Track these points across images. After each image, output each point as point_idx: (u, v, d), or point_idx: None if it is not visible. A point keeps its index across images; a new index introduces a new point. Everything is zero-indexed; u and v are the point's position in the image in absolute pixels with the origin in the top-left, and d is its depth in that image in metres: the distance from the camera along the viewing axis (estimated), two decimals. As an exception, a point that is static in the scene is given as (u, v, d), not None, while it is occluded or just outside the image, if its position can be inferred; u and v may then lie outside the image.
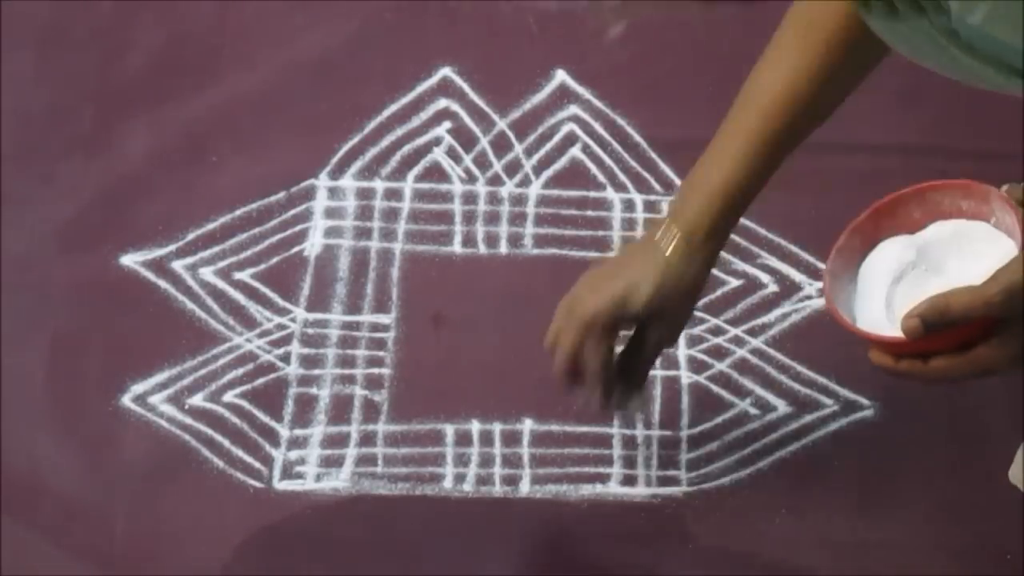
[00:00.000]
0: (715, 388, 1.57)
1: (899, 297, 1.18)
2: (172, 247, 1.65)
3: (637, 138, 1.73)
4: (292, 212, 1.68)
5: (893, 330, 1.15)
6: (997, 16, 0.99)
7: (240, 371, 1.57)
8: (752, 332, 1.60)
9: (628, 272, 1.33)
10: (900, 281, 1.19)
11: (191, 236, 1.66)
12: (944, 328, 1.10)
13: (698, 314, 1.60)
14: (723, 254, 1.64)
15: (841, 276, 1.20)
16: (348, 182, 1.70)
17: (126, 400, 1.55)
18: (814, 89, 1.29)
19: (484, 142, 1.73)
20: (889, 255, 1.20)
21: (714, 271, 1.63)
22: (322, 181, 1.70)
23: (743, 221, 1.66)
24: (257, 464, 1.51)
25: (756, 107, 1.31)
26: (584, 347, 1.33)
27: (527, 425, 1.53)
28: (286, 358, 1.58)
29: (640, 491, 1.50)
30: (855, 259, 1.21)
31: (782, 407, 1.56)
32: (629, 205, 1.68)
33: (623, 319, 1.32)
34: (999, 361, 1.13)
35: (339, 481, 1.50)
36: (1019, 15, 0.97)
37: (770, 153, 1.31)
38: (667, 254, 1.31)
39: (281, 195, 1.69)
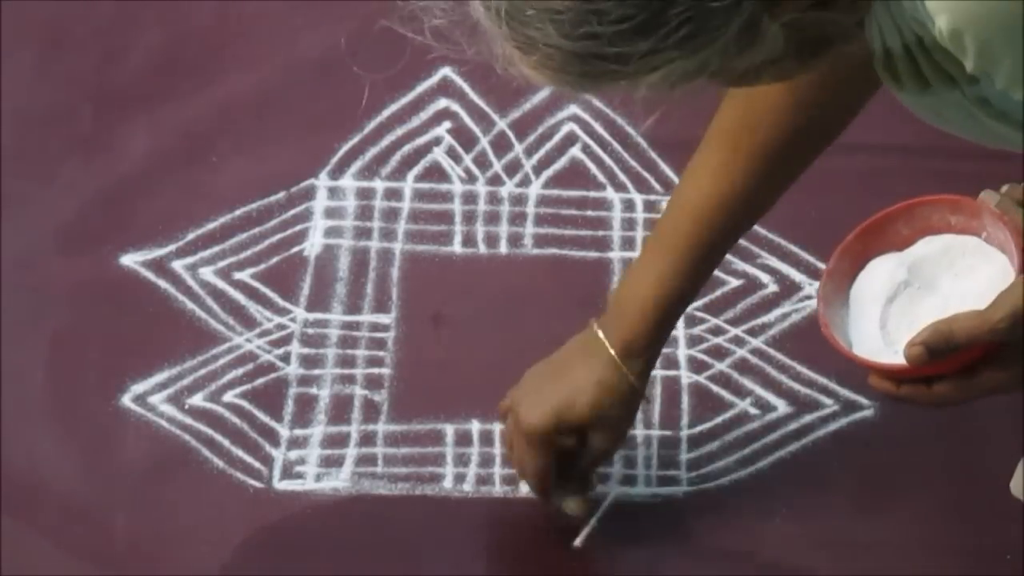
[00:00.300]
0: (715, 388, 1.57)
1: (893, 318, 1.18)
2: (172, 247, 1.65)
3: (637, 138, 1.73)
4: (292, 212, 1.68)
5: (891, 353, 1.16)
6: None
7: (240, 371, 1.57)
8: (752, 332, 1.61)
9: (567, 383, 1.38)
10: (893, 301, 1.18)
11: (191, 236, 1.66)
12: (948, 354, 1.11)
13: (698, 314, 1.61)
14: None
15: (834, 300, 1.20)
16: (348, 182, 1.70)
17: (126, 400, 1.55)
18: (747, 195, 1.31)
19: (484, 142, 1.74)
20: (880, 275, 1.20)
21: (715, 271, 1.65)
22: (322, 181, 1.70)
23: (743, 221, 1.68)
24: (257, 464, 1.51)
25: (689, 215, 1.33)
26: (523, 454, 1.40)
27: (527, 425, 1.54)
28: (286, 358, 1.58)
29: (640, 491, 1.50)
30: (846, 282, 1.21)
31: (782, 407, 1.56)
32: (629, 205, 1.69)
33: (560, 432, 1.38)
34: (1003, 384, 1.13)
35: (339, 481, 1.50)
36: None
37: (704, 259, 1.35)
38: (604, 368, 1.36)
39: (281, 195, 1.69)
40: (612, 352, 1.36)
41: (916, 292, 1.18)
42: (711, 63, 0.89)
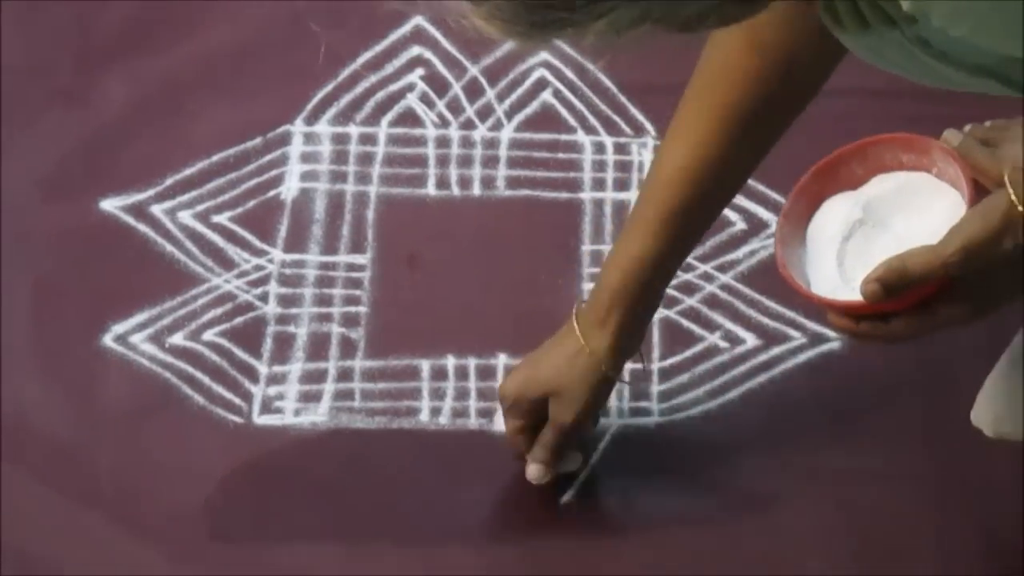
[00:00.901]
0: (685, 323, 1.60)
1: (850, 256, 1.19)
2: (151, 192, 1.67)
3: (607, 83, 1.75)
4: (268, 157, 1.70)
5: (849, 291, 1.17)
6: (973, 23, 0.99)
7: (219, 311, 1.59)
8: (721, 268, 1.63)
9: (541, 357, 1.43)
10: (849, 240, 1.19)
11: (169, 181, 1.68)
12: (903, 290, 1.12)
13: (668, 251, 1.64)
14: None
15: (791, 241, 1.21)
16: (323, 128, 1.72)
17: (107, 340, 1.57)
18: (719, 163, 1.32)
19: (457, 88, 1.76)
20: (835, 214, 1.21)
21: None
22: (297, 127, 1.72)
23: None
24: (237, 400, 1.53)
25: (661, 183, 1.34)
26: (504, 419, 1.45)
27: (501, 360, 1.56)
28: (264, 298, 1.60)
29: (612, 422, 1.53)
30: (803, 222, 1.22)
31: (751, 340, 1.58)
32: (600, 147, 1.71)
33: (527, 399, 1.42)
34: (958, 317, 1.15)
35: (317, 416, 1.53)
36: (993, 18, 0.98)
37: (675, 228, 1.35)
38: (570, 343, 1.40)
39: (257, 141, 1.71)
40: (576, 327, 1.39)
41: (871, 230, 1.20)
42: (654, 10, 0.90)
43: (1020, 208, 1.07)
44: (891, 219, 1.19)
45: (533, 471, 1.45)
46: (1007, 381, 1.30)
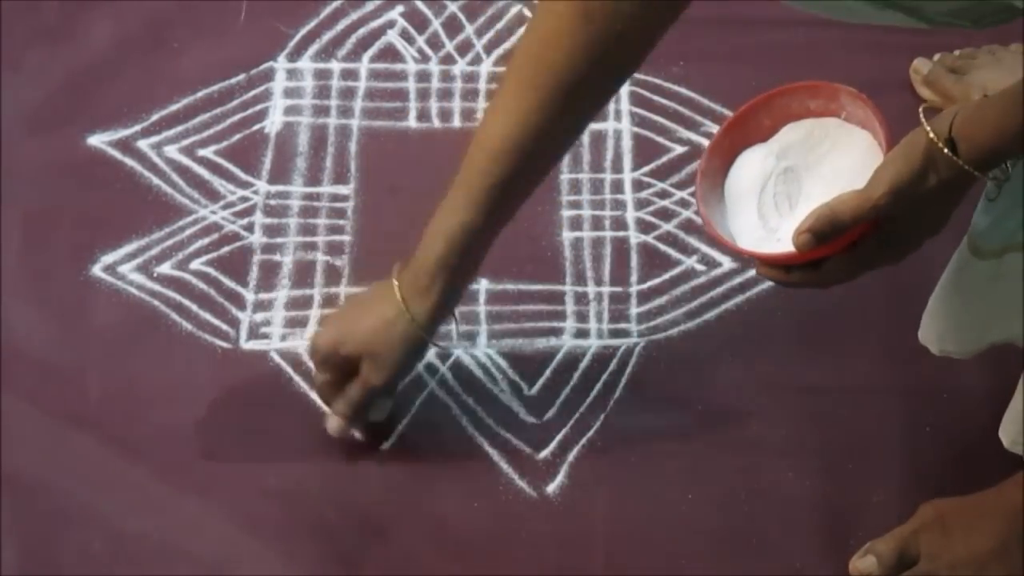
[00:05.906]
0: (662, 247, 1.62)
1: (769, 206, 1.21)
2: (137, 127, 1.69)
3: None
4: (252, 93, 1.73)
5: (774, 241, 1.19)
6: None
7: (206, 240, 1.62)
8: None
9: (359, 315, 1.41)
10: (766, 190, 1.21)
11: (155, 117, 1.70)
12: (834, 237, 1.14)
13: (645, 179, 1.67)
14: (667, 123, 1.71)
15: (711, 198, 1.22)
16: (306, 64, 1.75)
17: (97, 270, 1.59)
18: (540, 133, 1.30)
19: (436, 24, 1.79)
20: (750, 167, 1.23)
21: (661, 139, 1.70)
22: (280, 63, 1.75)
23: (688, 92, 1.74)
24: (224, 326, 1.56)
25: (483, 152, 1.32)
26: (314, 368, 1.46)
27: (483, 285, 1.59)
28: (250, 228, 1.63)
29: (592, 342, 1.56)
30: (719, 179, 1.23)
31: (727, 263, 1.61)
32: (576, 79, 1.74)
33: (339, 355, 1.41)
34: (888, 256, 1.18)
35: (303, 340, 1.55)
36: None
37: (497, 196, 1.34)
38: (390, 306, 1.39)
39: (241, 77, 1.74)
40: (397, 291, 1.38)
41: (787, 178, 1.22)
42: None
43: (940, 144, 1.08)
44: (804, 165, 1.21)
45: (333, 425, 1.45)
46: (947, 300, 1.32)
